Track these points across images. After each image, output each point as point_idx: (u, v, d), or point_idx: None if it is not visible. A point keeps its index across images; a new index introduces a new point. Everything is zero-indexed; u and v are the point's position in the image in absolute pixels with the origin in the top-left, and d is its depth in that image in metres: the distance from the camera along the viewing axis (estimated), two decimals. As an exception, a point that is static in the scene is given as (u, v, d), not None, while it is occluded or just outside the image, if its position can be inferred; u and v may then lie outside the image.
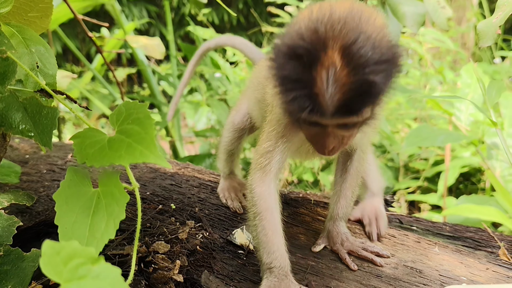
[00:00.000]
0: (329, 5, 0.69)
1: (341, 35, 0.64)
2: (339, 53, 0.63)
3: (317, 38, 0.64)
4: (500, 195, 1.72)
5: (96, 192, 0.63)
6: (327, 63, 0.63)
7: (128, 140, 0.59)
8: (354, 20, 0.66)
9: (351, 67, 0.63)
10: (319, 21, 0.66)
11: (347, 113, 0.66)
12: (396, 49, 0.68)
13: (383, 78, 0.64)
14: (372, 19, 0.68)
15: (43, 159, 1.35)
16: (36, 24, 0.90)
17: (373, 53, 0.63)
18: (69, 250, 0.46)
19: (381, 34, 0.67)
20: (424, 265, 0.87)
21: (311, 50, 0.64)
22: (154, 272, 0.75)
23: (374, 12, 0.71)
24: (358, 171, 0.94)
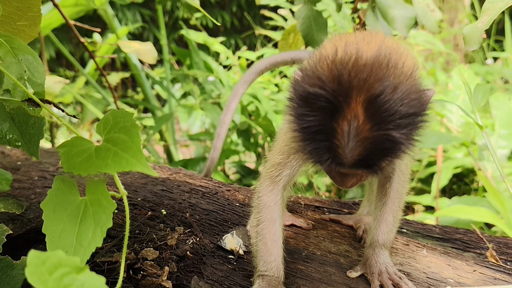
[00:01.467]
0: (355, 44, 0.66)
1: (366, 86, 0.60)
2: (362, 106, 0.60)
3: (340, 88, 0.61)
4: (491, 196, 1.74)
5: (83, 200, 0.64)
6: (349, 116, 0.60)
7: (115, 149, 0.60)
8: (381, 67, 0.62)
9: (374, 122, 0.60)
10: (343, 67, 0.62)
11: (366, 166, 0.64)
12: (424, 97, 0.65)
13: (407, 133, 0.62)
14: (401, 63, 0.64)
15: (34, 166, 1.36)
16: (25, 33, 0.90)
17: (399, 107, 0.60)
18: (54, 260, 0.46)
19: (409, 82, 0.63)
20: (412, 268, 0.88)
21: (333, 102, 0.61)
22: (143, 279, 0.76)
23: (404, 51, 0.68)
24: (399, 193, 0.87)
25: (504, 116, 2.14)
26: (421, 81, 0.67)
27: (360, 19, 1.72)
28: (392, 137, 0.61)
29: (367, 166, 0.64)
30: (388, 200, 0.87)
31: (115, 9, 5.69)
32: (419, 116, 0.63)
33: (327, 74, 0.63)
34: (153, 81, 3.08)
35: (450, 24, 4.37)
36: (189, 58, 3.08)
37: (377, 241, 0.86)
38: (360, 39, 0.68)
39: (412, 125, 0.62)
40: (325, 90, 0.61)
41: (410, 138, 0.63)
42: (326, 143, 0.62)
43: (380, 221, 0.87)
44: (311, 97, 0.62)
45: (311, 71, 0.65)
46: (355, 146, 0.61)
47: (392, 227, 0.87)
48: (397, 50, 0.67)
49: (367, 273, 0.86)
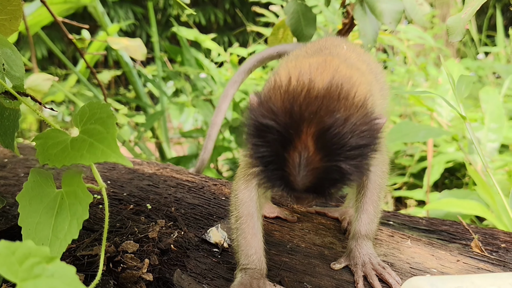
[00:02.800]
0: (308, 74, 0.67)
1: (316, 119, 0.62)
2: (312, 139, 0.61)
3: (292, 121, 0.62)
4: (480, 189, 1.74)
5: (59, 192, 0.63)
6: (300, 148, 0.62)
7: (90, 140, 0.60)
8: (332, 99, 0.63)
9: (323, 154, 0.62)
10: (295, 99, 0.63)
11: (317, 194, 0.66)
12: (375, 127, 0.66)
13: (356, 164, 0.63)
14: (353, 93, 0.65)
15: (21, 163, 1.35)
16: (5, 27, 0.89)
17: (348, 140, 0.62)
18: (24, 250, 0.46)
19: (360, 112, 0.64)
20: (395, 258, 0.88)
21: (284, 134, 0.62)
22: (123, 271, 0.76)
23: (357, 80, 0.69)
24: (378, 184, 0.88)
25: (494, 109, 2.15)
26: (373, 109, 0.68)
27: (348, 13, 1.71)
28: (340, 169, 0.62)
29: (317, 193, 0.66)
30: (367, 191, 0.88)
31: (107, 7, 5.67)
32: (369, 147, 0.64)
33: (279, 105, 0.64)
34: (145, 79, 3.07)
35: (442, 19, 4.38)
36: (180, 55, 3.07)
37: (359, 232, 0.86)
38: (314, 68, 0.69)
39: (362, 156, 0.64)
40: (277, 123, 0.62)
41: (359, 168, 0.64)
42: (278, 172, 0.64)
43: (361, 212, 0.87)
44: (264, 129, 0.63)
45: (265, 100, 0.66)
46: (306, 175, 0.63)
47: (373, 218, 0.87)
48: (349, 79, 0.68)
49: (351, 264, 0.86)
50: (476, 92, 2.49)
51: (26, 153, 1.45)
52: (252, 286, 0.78)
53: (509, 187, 1.89)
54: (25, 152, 1.44)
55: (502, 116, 2.19)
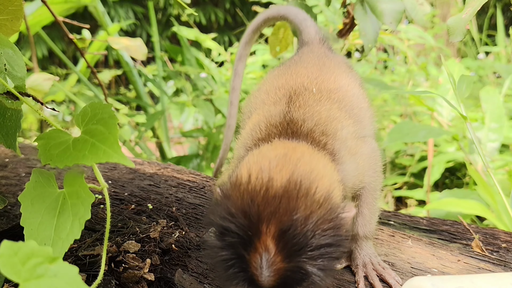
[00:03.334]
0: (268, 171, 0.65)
1: (275, 219, 0.60)
2: (273, 239, 0.59)
3: (250, 222, 0.60)
4: (481, 189, 1.74)
5: (61, 193, 0.63)
6: (260, 249, 0.60)
7: (92, 140, 0.60)
8: (291, 197, 0.61)
9: (285, 254, 0.59)
10: (253, 200, 0.62)
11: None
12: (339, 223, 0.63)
13: (319, 264, 0.61)
14: (313, 189, 0.63)
15: (22, 162, 1.35)
16: (6, 27, 0.89)
17: (309, 240, 0.60)
18: (27, 250, 0.46)
19: (321, 209, 0.62)
20: (396, 258, 0.88)
21: (243, 236, 0.60)
22: (125, 271, 0.76)
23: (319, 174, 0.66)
24: (372, 186, 0.87)
25: (494, 109, 2.15)
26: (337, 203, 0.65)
27: (349, 13, 1.72)
28: (303, 270, 0.60)
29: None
30: (361, 194, 0.87)
31: (107, 7, 5.67)
32: (333, 246, 0.62)
33: (238, 206, 0.62)
34: (146, 79, 3.07)
35: (443, 19, 4.37)
36: (181, 55, 3.07)
37: (357, 234, 0.87)
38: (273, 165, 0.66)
39: (325, 255, 0.61)
40: (236, 225, 0.61)
41: (324, 268, 0.61)
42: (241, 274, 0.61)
43: (356, 215, 0.86)
44: (223, 231, 0.62)
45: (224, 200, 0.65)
46: (270, 276, 0.60)
47: (369, 219, 0.86)
48: (310, 174, 0.65)
49: (352, 265, 0.86)
50: (477, 92, 2.49)
51: (27, 152, 1.45)
52: None
53: (510, 187, 1.90)
54: (26, 152, 1.45)
55: (502, 116, 2.20)
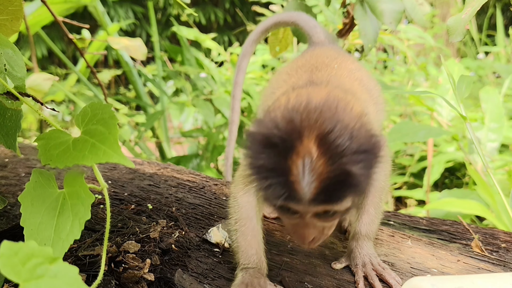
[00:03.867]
0: (306, 94, 0.69)
1: (317, 124, 0.62)
2: (315, 143, 0.61)
3: (293, 127, 0.63)
4: (480, 189, 1.74)
5: (61, 193, 0.63)
6: (303, 152, 0.61)
7: (92, 140, 0.60)
8: (330, 109, 0.65)
9: (328, 156, 0.61)
10: (295, 110, 0.65)
11: (325, 201, 0.64)
12: (376, 139, 0.66)
13: (362, 169, 0.62)
14: (349, 108, 0.67)
15: (22, 162, 1.35)
16: (6, 27, 0.89)
17: (351, 142, 0.62)
18: (27, 250, 0.46)
19: (359, 123, 0.65)
20: (396, 258, 0.88)
21: (286, 139, 0.62)
22: (125, 271, 0.76)
23: (352, 100, 0.70)
24: (380, 185, 0.87)
25: (494, 109, 2.15)
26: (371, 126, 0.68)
27: (349, 13, 1.71)
28: (347, 171, 0.61)
29: (326, 201, 0.64)
30: (369, 192, 0.87)
31: (107, 6, 5.67)
32: (372, 154, 0.64)
33: (280, 118, 0.65)
34: (145, 78, 3.07)
35: (443, 19, 4.38)
36: (180, 55, 3.08)
37: (359, 232, 0.86)
38: (310, 91, 0.71)
39: (365, 161, 0.63)
40: (279, 130, 0.63)
41: (365, 173, 0.63)
42: (281, 179, 0.63)
43: (361, 213, 0.87)
44: (265, 138, 0.64)
45: (265, 119, 0.67)
46: (312, 181, 0.61)
47: (374, 218, 0.87)
48: (344, 98, 0.69)
49: (351, 264, 0.86)
50: (476, 92, 2.49)
51: (27, 152, 1.45)
52: (253, 285, 0.78)
53: (509, 187, 1.90)
54: (25, 152, 1.45)
55: (502, 116, 2.20)
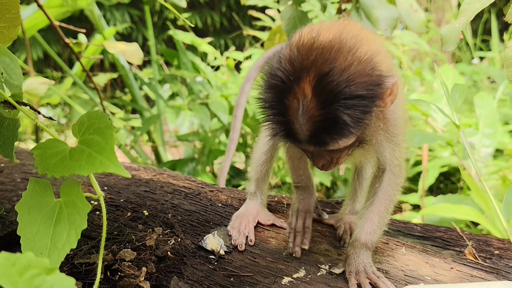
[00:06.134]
0: (317, 30, 0.71)
1: (314, 66, 0.66)
2: (310, 85, 0.65)
3: (293, 68, 0.67)
4: (475, 194, 1.75)
5: (58, 202, 0.64)
6: (298, 94, 0.66)
7: (89, 150, 0.60)
8: (332, 50, 0.67)
9: (320, 100, 0.65)
10: (298, 50, 0.69)
11: (318, 143, 0.69)
12: (377, 82, 0.68)
13: (352, 114, 0.65)
14: (356, 48, 0.68)
15: (17, 168, 1.35)
16: (3, 35, 0.89)
17: (344, 88, 0.65)
18: (24, 261, 0.46)
19: (361, 66, 0.67)
20: (390, 266, 0.89)
21: (285, 81, 0.67)
22: (120, 280, 0.76)
23: (365, 38, 0.71)
24: (388, 194, 0.87)
25: (488, 115, 2.17)
26: (382, 67, 0.70)
27: (345, 20, 1.72)
28: (335, 116, 0.65)
29: (319, 143, 0.69)
30: (376, 200, 0.87)
31: (103, 10, 5.66)
32: (365, 99, 0.67)
33: (286, 56, 0.70)
34: (141, 82, 3.07)
35: (438, 24, 4.40)
36: (177, 59, 3.08)
37: (359, 240, 0.86)
38: (325, 26, 0.73)
39: (358, 106, 0.66)
40: (280, 70, 0.68)
41: (354, 117, 0.66)
42: (280, 118, 0.69)
43: (365, 220, 0.87)
44: (270, 78, 0.70)
45: (277, 55, 0.73)
46: (305, 122, 0.67)
47: (376, 228, 0.86)
48: (356, 36, 0.71)
49: (346, 271, 0.86)
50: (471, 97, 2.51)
51: (23, 157, 1.45)
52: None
53: (503, 193, 1.91)
54: (21, 157, 1.45)
55: (496, 122, 2.21)
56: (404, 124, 0.86)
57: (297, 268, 0.89)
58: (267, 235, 0.98)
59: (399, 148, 0.85)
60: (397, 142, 0.84)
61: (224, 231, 0.97)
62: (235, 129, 1.40)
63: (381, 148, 0.83)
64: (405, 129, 0.88)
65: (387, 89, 0.70)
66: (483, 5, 0.99)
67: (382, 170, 0.87)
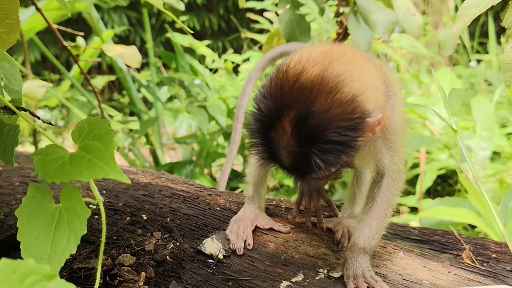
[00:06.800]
0: (303, 63, 0.72)
1: (295, 106, 0.68)
2: (290, 124, 0.68)
3: (275, 105, 0.70)
4: (472, 197, 1.76)
5: (58, 207, 0.64)
6: (280, 130, 0.69)
7: (89, 156, 0.61)
8: (313, 91, 0.68)
9: (298, 140, 0.68)
10: (282, 87, 0.71)
11: (299, 175, 0.73)
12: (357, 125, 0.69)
13: (325, 158, 0.68)
14: (337, 90, 0.69)
15: (16, 171, 1.35)
16: (3, 40, 0.90)
17: (321, 132, 0.67)
18: (25, 268, 0.47)
19: (340, 109, 0.68)
20: (388, 270, 0.90)
21: (269, 116, 0.70)
22: (120, 284, 0.76)
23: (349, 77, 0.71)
24: (387, 199, 0.87)
25: (485, 118, 2.18)
26: (366, 105, 0.71)
27: (342, 23, 1.73)
28: (309, 157, 0.68)
29: (298, 175, 0.73)
30: (375, 205, 0.88)
31: (101, 12, 5.66)
32: (342, 144, 0.68)
33: (271, 90, 0.72)
34: (139, 85, 3.08)
35: (435, 27, 4.42)
36: (174, 61, 3.08)
37: (357, 244, 0.87)
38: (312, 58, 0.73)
39: (333, 151, 0.68)
40: (265, 106, 0.71)
41: (327, 162, 0.69)
42: (266, 148, 0.73)
43: (363, 225, 0.87)
44: (256, 110, 0.73)
45: (265, 83, 0.75)
46: (287, 156, 0.70)
47: (375, 233, 0.87)
48: (340, 75, 0.71)
49: (344, 275, 0.87)
50: (469, 100, 2.52)
51: (21, 161, 1.45)
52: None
53: (501, 195, 1.92)
54: (20, 160, 1.45)
55: (493, 125, 2.23)
56: (402, 130, 0.87)
57: (295, 272, 0.89)
58: (266, 239, 0.99)
59: (398, 154, 0.85)
60: (396, 148, 0.84)
61: (223, 235, 0.97)
62: (236, 130, 1.41)
63: (379, 155, 0.84)
64: (404, 134, 0.88)
65: (370, 126, 0.71)
66: (480, 10, 1.00)
67: (381, 175, 0.87)
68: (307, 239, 1.00)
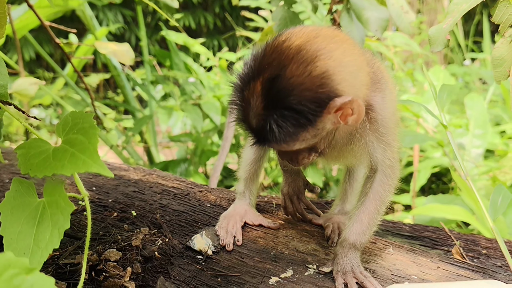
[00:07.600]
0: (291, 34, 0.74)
1: (269, 68, 0.70)
2: (261, 85, 0.70)
3: (254, 65, 0.73)
4: (465, 194, 1.76)
5: (41, 202, 0.63)
6: (251, 90, 0.71)
7: (72, 150, 0.60)
8: (289, 57, 0.70)
9: (264, 102, 0.70)
10: (265, 49, 0.73)
11: (262, 140, 0.74)
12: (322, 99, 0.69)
13: (282, 125, 0.69)
14: (311, 61, 0.70)
15: (5, 168, 1.34)
16: (-11, 34, 0.89)
17: (284, 97, 0.68)
18: (3, 261, 0.46)
19: (308, 80, 0.69)
20: (377, 265, 0.89)
21: (247, 75, 0.73)
22: (105, 280, 0.76)
23: (329, 54, 0.71)
24: (379, 195, 0.86)
25: (478, 116, 2.18)
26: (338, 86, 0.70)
27: (335, 20, 1.73)
28: (271, 123, 0.69)
29: (260, 141, 0.74)
30: (367, 200, 0.87)
31: (95, 10, 5.64)
32: (301, 114, 0.69)
33: (255, 52, 0.75)
34: (134, 83, 3.07)
35: (430, 25, 4.42)
36: (169, 60, 3.08)
37: (347, 240, 0.86)
38: (301, 31, 0.75)
39: (289, 119, 0.69)
40: (246, 65, 0.74)
41: (283, 130, 0.70)
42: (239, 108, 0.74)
43: (354, 221, 0.86)
44: (241, 68, 0.76)
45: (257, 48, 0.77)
46: (253, 117, 0.72)
47: (365, 229, 0.86)
48: (321, 49, 0.71)
49: (333, 270, 0.86)
50: (462, 98, 2.53)
51: (11, 158, 1.44)
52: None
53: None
54: (10, 157, 1.44)
55: (486, 122, 2.23)
56: (395, 124, 0.86)
57: (285, 268, 0.89)
58: (255, 235, 0.98)
59: (391, 148, 0.84)
60: (388, 142, 0.84)
61: (212, 231, 0.97)
62: (229, 127, 1.42)
63: (371, 149, 0.83)
64: (397, 129, 0.87)
65: (334, 108, 0.70)
66: (470, 6, 1.00)
67: (374, 170, 0.87)
68: (297, 235, 0.99)
